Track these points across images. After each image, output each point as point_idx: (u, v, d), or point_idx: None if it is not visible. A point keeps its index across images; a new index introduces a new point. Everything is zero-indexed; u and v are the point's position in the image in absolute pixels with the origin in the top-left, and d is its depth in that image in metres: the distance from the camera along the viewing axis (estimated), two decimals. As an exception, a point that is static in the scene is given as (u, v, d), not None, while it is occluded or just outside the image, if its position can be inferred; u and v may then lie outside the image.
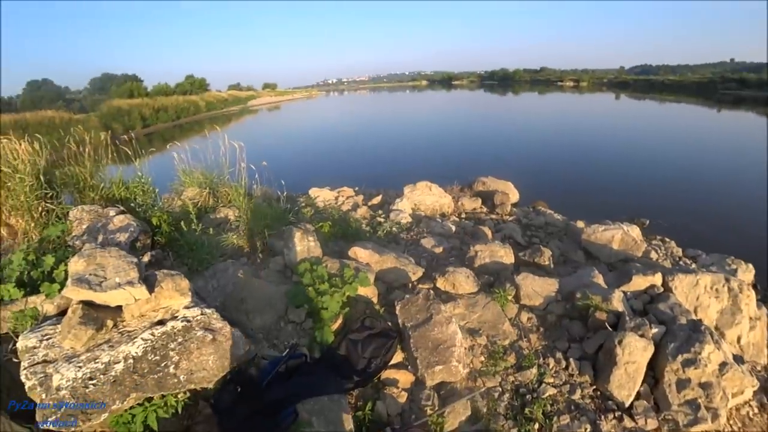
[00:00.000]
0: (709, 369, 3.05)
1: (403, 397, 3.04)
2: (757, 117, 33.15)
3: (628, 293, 4.16)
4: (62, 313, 2.89)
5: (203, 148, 5.73)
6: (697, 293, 4.14)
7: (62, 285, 2.94)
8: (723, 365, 3.08)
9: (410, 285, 4.36)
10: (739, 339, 4.05)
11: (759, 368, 3.94)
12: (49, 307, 2.93)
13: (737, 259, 5.83)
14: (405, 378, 3.18)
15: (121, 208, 4.50)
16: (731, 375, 3.04)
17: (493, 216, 7.71)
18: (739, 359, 3.42)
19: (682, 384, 3.04)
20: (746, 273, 5.54)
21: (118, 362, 2.42)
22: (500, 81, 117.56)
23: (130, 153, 5.40)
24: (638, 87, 76.18)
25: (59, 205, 4.64)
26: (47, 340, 2.60)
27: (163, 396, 2.66)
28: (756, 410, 3.26)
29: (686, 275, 4.21)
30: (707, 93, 55.48)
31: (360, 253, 4.44)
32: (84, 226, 4.17)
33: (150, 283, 2.62)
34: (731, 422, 3.12)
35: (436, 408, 2.99)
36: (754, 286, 5.32)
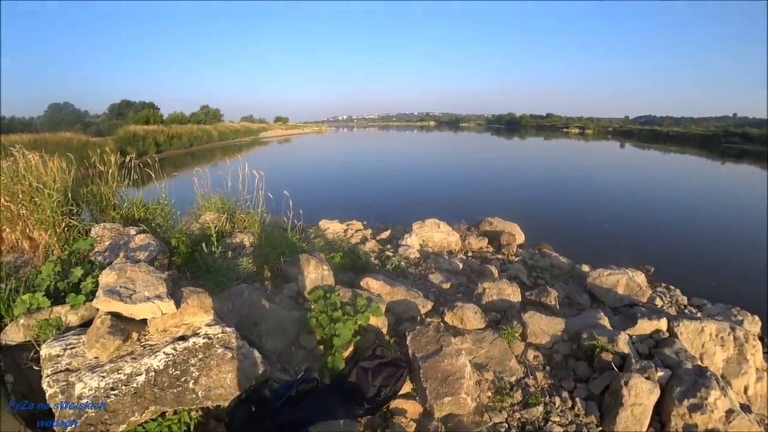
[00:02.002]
0: (715, 415, 3.06)
1: (411, 428, 3.06)
2: (762, 171, 33.52)
3: (634, 336, 4.20)
4: (85, 324, 2.98)
5: (222, 174, 5.93)
6: (703, 340, 4.17)
7: (87, 297, 3.05)
8: (730, 412, 3.09)
9: (419, 318, 4.42)
10: (746, 389, 4.04)
11: (767, 421, 3.91)
12: (73, 318, 3.02)
13: (743, 311, 5.84)
14: (413, 408, 3.20)
15: (143, 227, 4.65)
16: (738, 423, 3.04)
17: (499, 256, 7.81)
18: (746, 408, 3.43)
19: (689, 429, 3.05)
20: (753, 324, 5.54)
21: (140, 374, 2.50)
22: (507, 125, 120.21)
23: (153, 175, 5.61)
24: (643, 136, 77.76)
25: (81, 222, 4.80)
26: (71, 349, 2.68)
27: (176, 412, 2.71)
28: (765, 463, 3.23)
29: (691, 322, 4.26)
30: (711, 145, 56.61)
31: (372, 284, 4.54)
32: (106, 243, 4.31)
33: (176, 299, 2.73)
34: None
35: (444, 440, 3.00)
36: (761, 338, 5.31)
